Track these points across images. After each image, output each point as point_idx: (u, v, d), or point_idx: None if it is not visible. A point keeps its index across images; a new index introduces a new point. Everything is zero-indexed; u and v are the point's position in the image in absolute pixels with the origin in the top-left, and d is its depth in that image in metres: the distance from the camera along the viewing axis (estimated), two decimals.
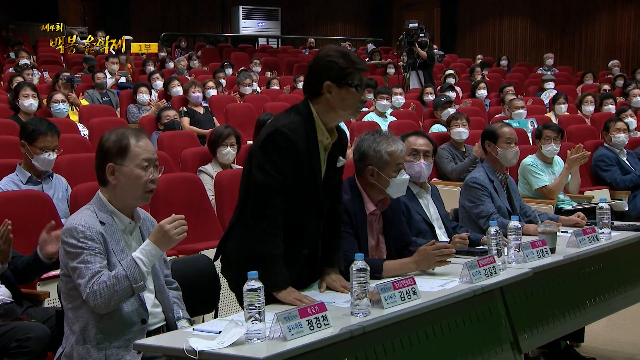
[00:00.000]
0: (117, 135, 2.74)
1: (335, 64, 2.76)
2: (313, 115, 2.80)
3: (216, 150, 5.40)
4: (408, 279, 2.72)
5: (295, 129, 2.73)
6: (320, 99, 2.80)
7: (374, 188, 3.28)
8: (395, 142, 3.30)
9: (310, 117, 2.80)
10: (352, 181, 3.34)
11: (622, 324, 4.77)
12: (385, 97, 8.22)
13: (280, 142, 2.69)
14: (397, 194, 3.33)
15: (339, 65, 2.76)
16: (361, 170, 3.30)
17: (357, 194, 3.29)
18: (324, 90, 2.78)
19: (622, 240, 3.86)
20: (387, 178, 3.24)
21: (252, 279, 2.26)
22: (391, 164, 3.25)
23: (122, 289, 2.53)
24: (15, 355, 2.71)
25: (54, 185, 4.38)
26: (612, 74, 13.67)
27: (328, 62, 2.78)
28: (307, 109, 2.81)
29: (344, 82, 2.76)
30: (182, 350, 2.19)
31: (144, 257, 2.59)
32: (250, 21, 19.53)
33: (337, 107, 2.79)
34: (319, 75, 2.79)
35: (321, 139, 2.81)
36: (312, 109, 2.81)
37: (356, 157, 3.32)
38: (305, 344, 2.23)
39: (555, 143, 5.70)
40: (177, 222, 2.62)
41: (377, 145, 3.26)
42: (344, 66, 2.76)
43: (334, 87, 2.76)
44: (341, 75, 2.76)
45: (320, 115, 2.81)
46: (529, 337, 3.15)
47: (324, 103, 2.79)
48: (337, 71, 2.76)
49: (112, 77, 10.63)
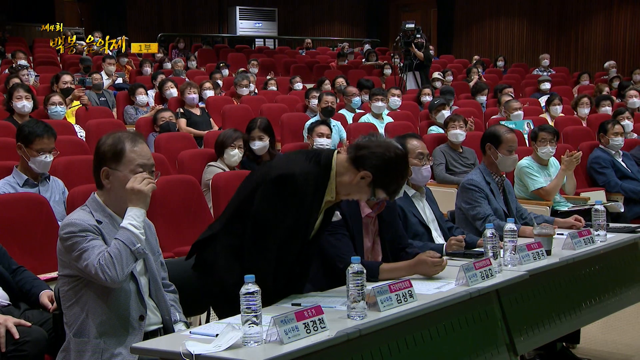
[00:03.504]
0: (114, 139, 2.75)
1: (388, 174, 2.74)
2: (331, 172, 2.77)
3: (223, 151, 5.47)
4: (404, 282, 2.74)
5: (308, 181, 2.70)
6: (350, 170, 2.77)
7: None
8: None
9: (328, 173, 2.77)
10: None
11: (617, 325, 4.78)
12: (380, 99, 8.19)
13: (290, 189, 2.66)
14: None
15: (382, 171, 2.73)
16: None
17: None
18: (359, 172, 2.74)
19: (618, 243, 3.87)
20: None
21: (249, 282, 2.26)
22: None
23: (125, 256, 2.58)
24: (13, 358, 2.70)
25: (50, 187, 4.37)
26: (608, 74, 13.69)
27: (384, 164, 2.74)
28: (328, 163, 2.78)
29: (379, 184, 2.75)
30: (179, 354, 2.20)
31: (130, 220, 2.63)
32: (247, 22, 19.52)
33: (356, 191, 2.79)
34: (364, 160, 2.74)
35: (327, 198, 2.81)
36: (333, 164, 2.78)
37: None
38: (302, 347, 2.24)
39: (550, 145, 5.71)
40: (139, 177, 2.67)
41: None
42: (385, 175, 2.74)
43: (368, 179, 2.74)
44: (381, 180, 2.74)
45: (338, 177, 2.77)
46: (524, 339, 3.16)
47: (348, 176, 2.77)
48: (381, 173, 2.73)
49: (109, 78, 10.62)
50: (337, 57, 15.20)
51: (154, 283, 2.83)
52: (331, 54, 16.41)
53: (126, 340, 2.65)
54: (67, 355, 2.66)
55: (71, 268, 2.65)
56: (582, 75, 13.43)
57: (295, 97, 9.83)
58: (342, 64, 14.58)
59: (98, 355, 2.61)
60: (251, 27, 19.53)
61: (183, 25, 19.16)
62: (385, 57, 15.69)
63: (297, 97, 9.67)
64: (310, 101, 8.65)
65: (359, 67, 14.30)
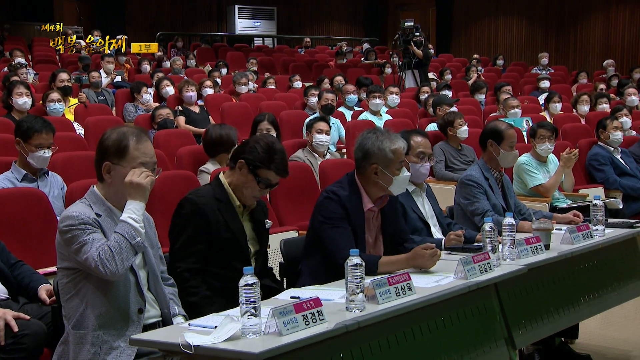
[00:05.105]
0: (118, 134, 2.75)
1: (256, 150, 3.08)
2: (224, 185, 3.17)
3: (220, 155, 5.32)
4: (403, 275, 2.74)
5: (201, 195, 3.10)
6: (233, 173, 3.18)
7: (376, 185, 3.30)
8: (397, 139, 3.32)
9: (221, 186, 3.17)
10: (351, 178, 3.35)
11: (616, 321, 4.79)
12: (377, 96, 8.18)
13: (188, 209, 3.07)
14: (398, 191, 3.35)
15: (251, 152, 3.10)
16: (364, 169, 3.30)
17: (355, 190, 3.30)
18: (235, 167, 3.16)
19: (616, 238, 3.88)
20: (390, 176, 3.26)
21: (248, 274, 2.27)
22: (395, 161, 3.27)
23: (125, 249, 2.58)
24: (11, 351, 2.70)
25: (49, 183, 4.38)
26: (606, 73, 13.70)
27: (250, 147, 3.12)
28: (218, 180, 3.21)
29: (254, 165, 3.09)
30: (178, 345, 2.21)
31: (130, 214, 2.64)
32: (246, 21, 19.52)
33: (244, 184, 3.13)
34: (236, 156, 3.18)
35: (236, 206, 3.16)
36: (222, 179, 3.18)
37: (359, 155, 3.33)
38: (301, 339, 2.24)
39: (549, 142, 5.72)
40: (138, 170, 2.68)
41: (381, 143, 3.27)
42: (254, 153, 3.09)
43: (244, 168, 3.11)
44: (253, 161, 3.10)
45: (232, 185, 3.17)
46: (523, 333, 3.17)
47: (235, 177, 3.16)
48: (251, 154, 3.11)
49: (108, 77, 10.62)
50: (335, 56, 15.20)
51: (153, 276, 2.83)
52: (330, 53, 16.41)
53: (125, 333, 2.65)
54: (66, 347, 2.67)
55: (70, 261, 2.66)
56: (581, 73, 13.44)
57: (294, 95, 9.82)
58: (341, 62, 14.58)
59: (97, 347, 2.62)
60: (250, 26, 19.53)
61: (182, 24, 19.15)
62: (384, 56, 15.69)
63: (296, 95, 9.67)
64: (309, 99, 8.65)
65: (357, 65, 14.30)
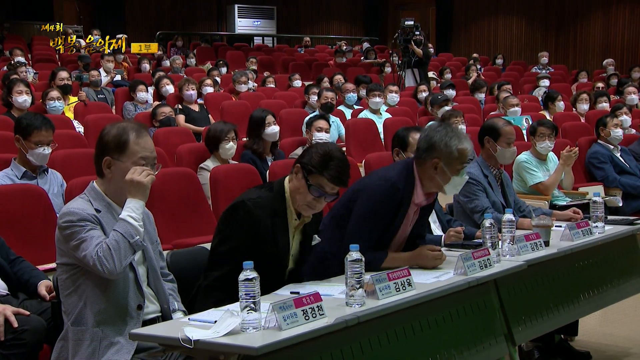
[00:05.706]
0: (118, 129, 2.74)
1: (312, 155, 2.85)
2: (285, 195, 2.91)
3: (218, 146, 5.39)
4: (403, 270, 2.74)
5: (259, 205, 2.84)
6: (292, 179, 2.91)
7: (432, 181, 3.18)
8: (466, 140, 3.21)
9: (282, 196, 2.91)
10: (409, 166, 3.23)
11: (615, 318, 4.80)
12: (377, 95, 8.17)
13: (242, 214, 2.83)
14: (451, 192, 3.26)
15: (307, 157, 2.86)
16: (424, 160, 3.18)
17: (411, 181, 3.19)
18: (293, 173, 2.90)
19: (616, 234, 3.88)
20: (449, 174, 3.15)
21: (248, 269, 2.27)
22: (458, 161, 3.17)
23: (124, 248, 2.57)
24: (11, 347, 2.71)
25: (49, 180, 4.38)
26: (606, 72, 13.71)
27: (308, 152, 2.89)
28: (281, 188, 2.93)
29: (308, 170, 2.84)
30: (178, 340, 2.21)
31: (129, 212, 2.63)
32: (245, 20, 19.50)
33: (297, 190, 2.87)
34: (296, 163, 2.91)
35: (292, 221, 2.92)
36: (286, 187, 2.92)
37: (424, 146, 3.20)
38: (300, 334, 2.24)
39: (549, 140, 5.72)
40: (139, 168, 2.67)
41: (449, 139, 3.15)
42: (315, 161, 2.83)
43: (299, 173, 2.85)
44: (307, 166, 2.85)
45: (292, 197, 2.91)
46: (522, 330, 3.17)
47: (292, 184, 2.91)
48: (306, 159, 2.87)
49: (108, 75, 10.62)
50: (335, 55, 15.20)
51: (153, 272, 2.83)
52: (330, 52, 16.40)
53: (124, 329, 2.64)
54: (65, 343, 2.66)
55: (69, 257, 2.65)
56: (581, 72, 13.45)
57: (293, 93, 9.82)
58: (341, 61, 14.58)
59: (96, 343, 2.61)
60: (250, 26, 19.50)
61: (182, 24, 19.14)
62: (384, 55, 15.69)
63: (295, 94, 9.67)
64: (310, 97, 8.65)
65: (357, 64, 14.30)
